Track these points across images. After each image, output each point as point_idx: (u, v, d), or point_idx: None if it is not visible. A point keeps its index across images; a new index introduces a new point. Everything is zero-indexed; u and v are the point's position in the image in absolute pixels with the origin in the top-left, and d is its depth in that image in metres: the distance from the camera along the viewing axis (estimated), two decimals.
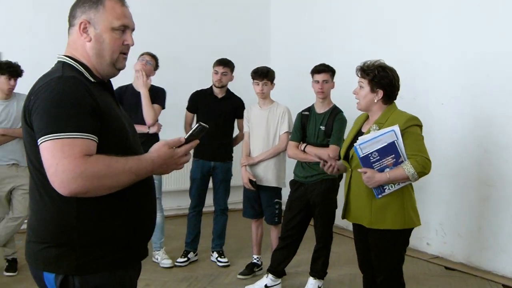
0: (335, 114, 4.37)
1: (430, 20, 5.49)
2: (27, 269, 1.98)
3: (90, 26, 1.95)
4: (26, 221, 4.58)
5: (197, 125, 1.95)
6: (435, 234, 5.50)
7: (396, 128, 3.10)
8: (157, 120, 5.00)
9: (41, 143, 1.75)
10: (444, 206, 5.41)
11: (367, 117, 3.46)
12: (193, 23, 7.33)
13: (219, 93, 5.29)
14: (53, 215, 1.88)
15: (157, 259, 5.23)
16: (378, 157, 3.12)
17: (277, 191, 4.87)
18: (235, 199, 6.02)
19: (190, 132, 1.94)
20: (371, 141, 3.12)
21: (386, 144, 3.09)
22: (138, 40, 5.39)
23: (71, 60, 1.96)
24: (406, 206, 3.25)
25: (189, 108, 5.36)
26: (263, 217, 4.98)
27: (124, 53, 2.03)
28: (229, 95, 5.38)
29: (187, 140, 1.93)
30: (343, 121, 4.36)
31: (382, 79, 3.23)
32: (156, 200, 5.40)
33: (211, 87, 5.33)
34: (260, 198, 4.89)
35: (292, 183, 4.54)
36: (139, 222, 2.02)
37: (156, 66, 5.18)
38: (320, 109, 4.42)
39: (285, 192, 4.91)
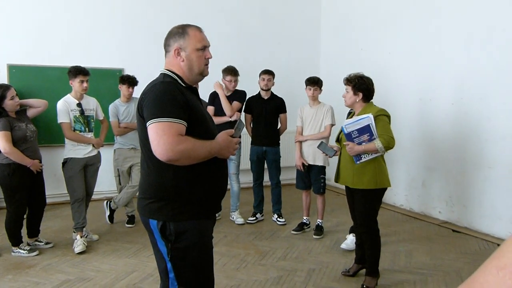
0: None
1: (445, 42, 5.43)
2: (141, 222, 2.16)
3: (182, 51, 2.08)
4: None
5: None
6: (445, 204, 5.49)
7: (371, 115, 3.37)
8: (235, 112, 5.14)
9: (148, 125, 1.89)
10: (453, 183, 5.39)
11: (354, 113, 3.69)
12: (262, 45, 7.48)
13: (265, 95, 5.41)
14: (156, 178, 2.02)
15: (233, 218, 5.42)
16: (358, 135, 3.39)
17: (323, 169, 4.93)
18: (290, 176, 6.15)
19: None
20: (353, 123, 3.38)
21: (363, 125, 3.36)
22: (224, 58, 5.54)
23: (169, 72, 2.10)
24: (378, 172, 3.48)
25: (246, 110, 5.47)
26: (311, 189, 5.06)
27: (206, 64, 2.15)
28: (273, 96, 5.46)
29: (235, 131, 2.11)
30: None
31: (361, 85, 3.50)
32: (234, 175, 5.62)
33: (259, 92, 5.46)
34: (309, 174, 4.98)
35: None
36: (216, 186, 2.12)
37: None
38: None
39: (329, 170, 5.03)
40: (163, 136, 1.84)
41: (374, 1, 6.62)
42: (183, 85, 2.09)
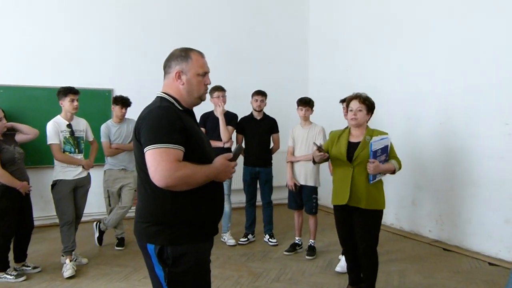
0: None
1: (433, 62, 5.54)
2: (132, 245, 2.12)
3: (183, 74, 2.10)
4: (131, 209, 4.79)
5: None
6: (436, 223, 5.52)
7: (389, 136, 3.55)
8: (230, 138, 5.14)
9: (146, 151, 1.89)
10: (442, 202, 5.43)
11: (345, 132, 3.72)
12: (251, 65, 7.53)
13: (258, 116, 5.42)
14: (153, 202, 2.00)
15: (224, 239, 5.36)
16: (380, 153, 3.43)
17: (314, 189, 4.93)
18: (282, 196, 6.10)
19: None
20: (379, 142, 3.42)
21: (385, 145, 3.47)
22: (214, 78, 5.52)
23: (166, 95, 2.10)
24: (383, 193, 3.61)
25: (238, 131, 5.44)
26: (303, 209, 5.03)
27: (205, 90, 2.18)
28: (265, 116, 5.47)
29: (233, 156, 2.10)
30: None
31: (372, 106, 3.64)
32: (226, 195, 5.55)
33: (252, 112, 5.46)
34: (301, 195, 4.96)
35: None
36: (213, 209, 2.11)
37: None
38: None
39: (320, 190, 5.02)
40: (161, 163, 1.84)
41: (361, 23, 6.75)
42: (180, 108, 2.09)
